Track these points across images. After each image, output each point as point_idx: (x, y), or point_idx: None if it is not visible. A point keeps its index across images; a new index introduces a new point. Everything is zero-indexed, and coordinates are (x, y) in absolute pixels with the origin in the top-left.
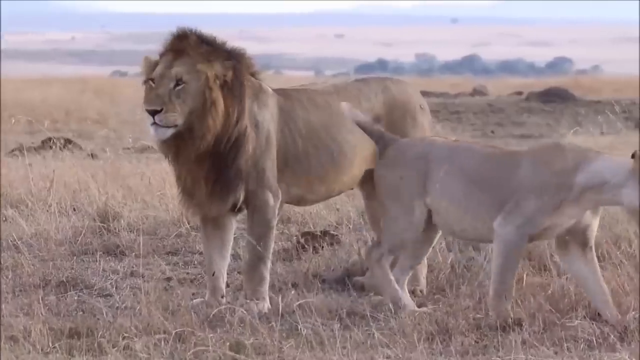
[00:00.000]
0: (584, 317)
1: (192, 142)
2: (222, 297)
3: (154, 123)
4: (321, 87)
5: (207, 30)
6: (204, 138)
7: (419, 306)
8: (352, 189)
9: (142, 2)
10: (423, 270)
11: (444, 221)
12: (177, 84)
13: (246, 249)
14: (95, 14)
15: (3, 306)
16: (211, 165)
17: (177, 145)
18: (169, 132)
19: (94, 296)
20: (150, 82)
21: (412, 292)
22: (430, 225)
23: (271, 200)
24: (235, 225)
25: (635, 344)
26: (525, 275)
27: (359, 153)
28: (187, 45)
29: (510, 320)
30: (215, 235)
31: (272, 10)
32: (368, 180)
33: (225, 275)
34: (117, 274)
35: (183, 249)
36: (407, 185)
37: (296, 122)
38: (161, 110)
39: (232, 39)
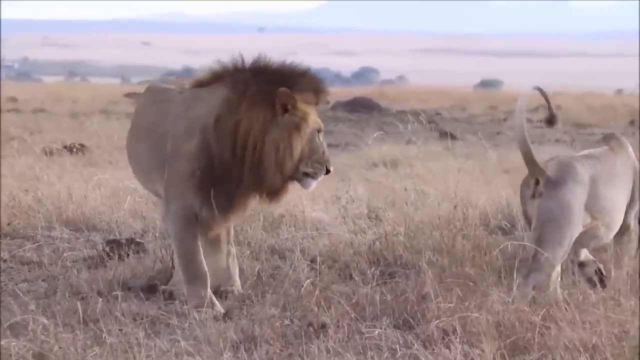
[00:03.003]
0: (389, 326)
1: None
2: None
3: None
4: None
5: (6, 36)
6: None
7: (224, 314)
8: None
9: None
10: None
11: (610, 229)
12: None
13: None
14: None
15: None
16: None
17: None
18: None
19: None
20: (318, 136)
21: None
22: None
23: None
24: None
25: (438, 351)
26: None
27: None
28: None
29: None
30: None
31: (77, 16)
32: None
33: None
34: None
35: None
36: (580, 205)
37: None
38: None
39: (36, 45)
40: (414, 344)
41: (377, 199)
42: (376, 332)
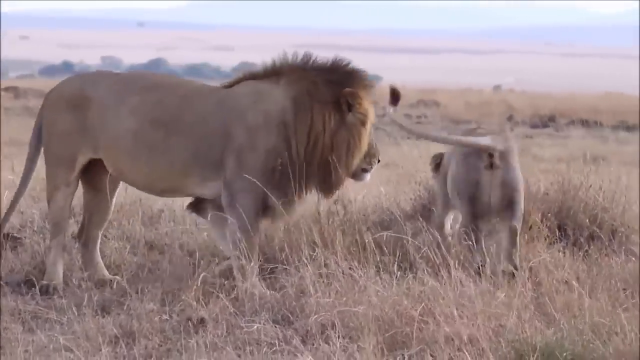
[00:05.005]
0: (267, 321)
1: None
2: None
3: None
4: None
5: None
6: None
7: (103, 309)
8: None
9: None
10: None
11: None
12: None
13: None
14: None
15: None
16: None
17: None
18: None
19: None
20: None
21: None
22: None
23: None
24: None
25: (317, 345)
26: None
27: None
28: None
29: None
30: None
31: None
32: (93, 174)
33: None
34: None
35: None
36: None
37: None
38: None
39: None
40: (293, 339)
41: None
42: (255, 327)
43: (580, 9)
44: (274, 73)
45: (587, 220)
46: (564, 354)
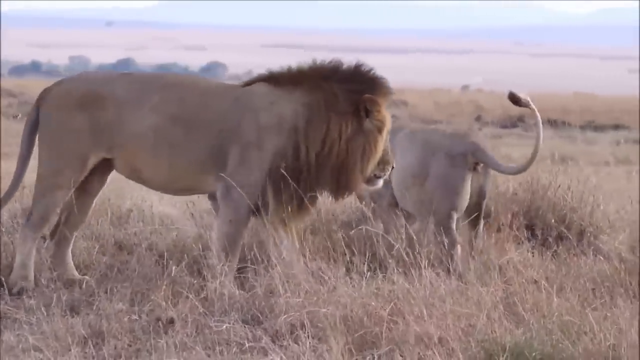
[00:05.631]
0: (237, 321)
1: None
2: None
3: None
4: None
5: None
6: None
7: (72, 309)
8: None
9: None
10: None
11: None
12: None
13: None
14: None
15: None
16: None
17: None
18: None
19: None
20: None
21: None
22: None
23: None
24: None
25: (287, 345)
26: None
27: None
28: None
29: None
30: None
31: None
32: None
33: None
34: None
35: None
36: None
37: None
38: None
39: None
40: (262, 339)
41: None
42: (224, 327)
43: (549, 9)
44: (294, 77)
45: (556, 220)
46: (533, 354)
